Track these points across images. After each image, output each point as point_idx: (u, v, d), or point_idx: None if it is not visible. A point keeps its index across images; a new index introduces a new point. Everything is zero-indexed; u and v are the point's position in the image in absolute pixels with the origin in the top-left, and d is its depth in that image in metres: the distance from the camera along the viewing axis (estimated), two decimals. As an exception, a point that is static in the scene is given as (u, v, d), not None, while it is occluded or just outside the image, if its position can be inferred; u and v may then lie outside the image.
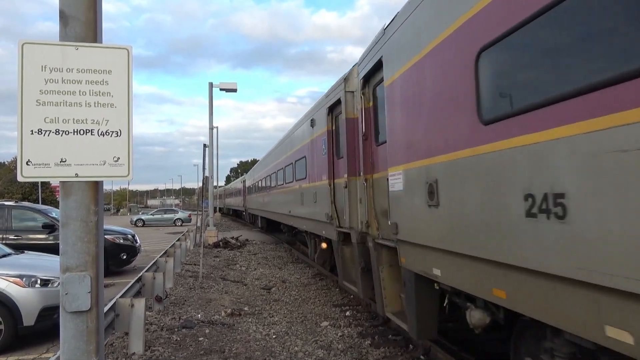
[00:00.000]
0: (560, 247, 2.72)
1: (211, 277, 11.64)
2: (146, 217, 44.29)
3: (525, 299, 3.16)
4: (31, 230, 11.61)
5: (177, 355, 5.76)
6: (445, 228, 4.19)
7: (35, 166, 2.36)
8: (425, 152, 4.56)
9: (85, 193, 2.42)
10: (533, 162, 2.92)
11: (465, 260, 3.89)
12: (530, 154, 2.95)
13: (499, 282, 3.45)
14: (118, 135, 2.48)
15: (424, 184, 4.55)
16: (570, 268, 2.65)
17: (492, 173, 3.40)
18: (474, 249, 3.71)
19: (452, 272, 4.22)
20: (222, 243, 19.50)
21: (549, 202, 2.78)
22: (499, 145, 3.30)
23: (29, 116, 2.37)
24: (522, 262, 3.08)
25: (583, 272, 2.54)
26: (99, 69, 2.46)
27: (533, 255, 2.96)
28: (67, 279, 2.35)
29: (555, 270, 2.77)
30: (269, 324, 7.51)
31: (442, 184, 4.22)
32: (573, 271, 2.62)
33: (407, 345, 6.41)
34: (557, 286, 2.81)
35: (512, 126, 3.15)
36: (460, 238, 3.92)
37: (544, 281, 2.92)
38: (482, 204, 3.56)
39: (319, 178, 9.96)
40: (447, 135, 4.12)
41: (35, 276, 6.72)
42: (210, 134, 22.06)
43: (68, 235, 2.38)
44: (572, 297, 2.71)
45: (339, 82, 8.24)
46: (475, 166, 3.64)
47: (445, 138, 4.14)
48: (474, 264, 3.74)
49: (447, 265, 4.27)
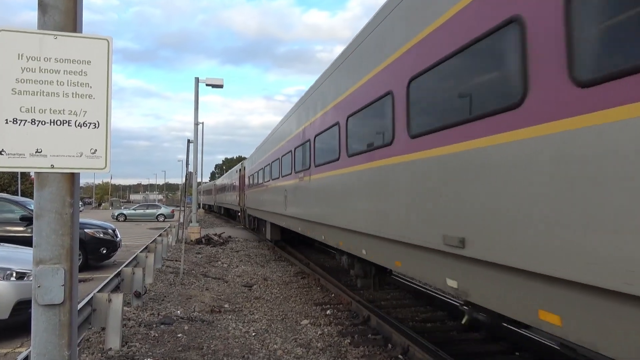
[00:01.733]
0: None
1: (192, 274, 11.56)
2: (128, 211, 43.71)
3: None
4: (8, 222, 11.38)
5: (155, 351, 5.70)
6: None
7: (10, 156, 2.32)
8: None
9: (61, 185, 2.38)
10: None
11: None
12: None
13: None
14: (96, 127, 2.45)
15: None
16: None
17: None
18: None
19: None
20: (204, 240, 19.37)
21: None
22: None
23: (4, 105, 2.32)
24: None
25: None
26: (77, 59, 2.42)
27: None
28: (40, 272, 2.31)
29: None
30: (249, 322, 7.49)
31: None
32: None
33: (386, 345, 6.46)
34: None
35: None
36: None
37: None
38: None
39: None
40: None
41: (10, 269, 6.58)
42: (195, 130, 21.89)
43: (42, 228, 2.34)
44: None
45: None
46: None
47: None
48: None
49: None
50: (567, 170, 2.63)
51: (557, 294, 2.76)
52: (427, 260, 4.54)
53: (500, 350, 6.22)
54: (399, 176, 5.04)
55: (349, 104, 6.80)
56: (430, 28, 4.29)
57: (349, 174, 6.74)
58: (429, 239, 4.33)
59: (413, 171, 4.71)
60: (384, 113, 5.48)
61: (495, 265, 3.35)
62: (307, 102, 9.76)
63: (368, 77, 6.03)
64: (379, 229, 5.55)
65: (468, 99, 3.79)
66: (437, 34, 4.18)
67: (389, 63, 5.30)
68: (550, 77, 2.80)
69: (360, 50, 6.49)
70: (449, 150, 3.97)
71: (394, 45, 5.16)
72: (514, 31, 3.13)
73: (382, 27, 5.63)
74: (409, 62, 4.75)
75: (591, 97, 2.49)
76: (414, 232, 4.68)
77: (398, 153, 5.06)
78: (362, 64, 6.33)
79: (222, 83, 21.63)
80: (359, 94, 6.37)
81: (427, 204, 4.39)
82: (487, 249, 3.41)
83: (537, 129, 2.88)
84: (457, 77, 3.93)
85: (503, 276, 3.28)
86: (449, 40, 3.94)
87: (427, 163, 4.40)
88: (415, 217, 4.63)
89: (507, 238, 3.16)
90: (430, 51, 4.28)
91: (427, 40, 4.35)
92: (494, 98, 3.40)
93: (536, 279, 2.92)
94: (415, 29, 4.61)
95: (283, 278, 11.73)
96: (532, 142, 2.93)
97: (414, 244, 4.70)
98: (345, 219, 6.88)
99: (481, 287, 3.63)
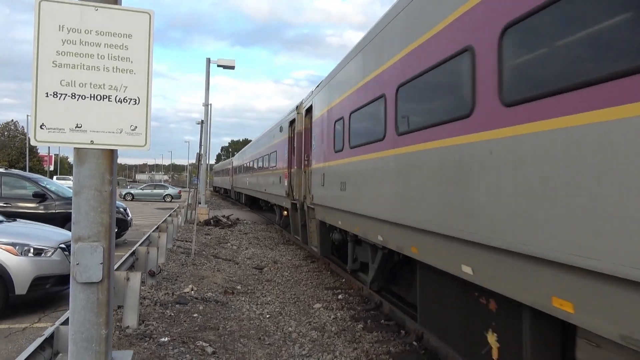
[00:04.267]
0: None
1: (203, 255, 11.60)
2: (135, 191, 43.86)
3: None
4: (21, 198, 11.41)
5: (172, 330, 5.73)
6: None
7: (50, 130, 2.27)
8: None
9: (101, 161, 2.34)
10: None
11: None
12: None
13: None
14: (136, 103, 2.39)
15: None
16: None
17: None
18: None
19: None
20: (213, 221, 19.42)
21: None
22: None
23: (44, 78, 2.26)
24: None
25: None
26: (118, 33, 2.35)
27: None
28: (79, 249, 2.28)
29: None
30: (262, 304, 7.51)
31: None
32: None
33: (399, 331, 6.46)
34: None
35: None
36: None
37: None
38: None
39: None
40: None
41: (28, 245, 6.61)
42: (206, 110, 21.79)
43: (81, 205, 2.30)
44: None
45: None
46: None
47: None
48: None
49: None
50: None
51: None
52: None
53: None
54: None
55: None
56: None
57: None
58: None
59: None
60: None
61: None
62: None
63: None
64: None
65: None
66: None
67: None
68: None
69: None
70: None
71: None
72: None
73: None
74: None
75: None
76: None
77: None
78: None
79: (234, 64, 21.46)
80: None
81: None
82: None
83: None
84: None
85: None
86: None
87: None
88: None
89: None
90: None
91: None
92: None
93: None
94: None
95: (293, 261, 11.75)
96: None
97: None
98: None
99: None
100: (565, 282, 2.82)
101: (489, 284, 3.71)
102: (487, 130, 3.62)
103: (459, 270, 4.10)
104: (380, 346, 5.85)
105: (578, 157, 2.68)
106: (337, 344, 5.86)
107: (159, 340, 5.31)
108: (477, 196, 3.75)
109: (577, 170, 2.69)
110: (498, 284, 3.58)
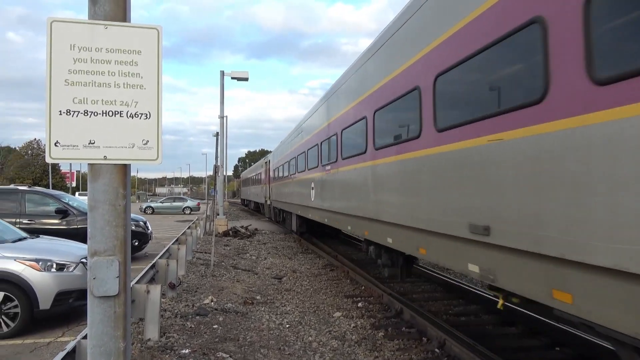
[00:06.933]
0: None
1: (222, 266, 11.66)
2: (155, 204, 44.48)
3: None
4: (44, 215, 11.65)
5: (192, 342, 5.75)
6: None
7: (64, 147, 2.31)
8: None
9: (114, 176, 2.37)
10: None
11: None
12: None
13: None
14: (147, 117, 2.42)
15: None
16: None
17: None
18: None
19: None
20: (231, 232, 19.53)
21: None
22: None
23: (57, 96, 2.31)
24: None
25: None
26: (128, 49, 2.40)
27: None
28: (95, 263, 2.31)
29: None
30: (282, 314, 7.50)
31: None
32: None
33: (421, 338, 6.37)
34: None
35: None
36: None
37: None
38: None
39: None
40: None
41: (51, 260, 6.73)
42: (221, 123, 22.02)
43: (96, 219, 2.34)
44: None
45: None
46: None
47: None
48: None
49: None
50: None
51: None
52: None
53: (539, 345, 6.06)
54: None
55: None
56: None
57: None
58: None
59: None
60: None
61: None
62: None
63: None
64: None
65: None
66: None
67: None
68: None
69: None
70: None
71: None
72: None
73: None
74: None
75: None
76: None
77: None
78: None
79: (247, 76, 21.67)
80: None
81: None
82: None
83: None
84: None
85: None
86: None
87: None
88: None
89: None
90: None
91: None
92: None
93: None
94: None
95: (312, 270, 11.73)
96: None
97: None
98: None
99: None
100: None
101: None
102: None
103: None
104: (402, 354, 5.77)
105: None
106: (358, 352, 5.80)
107: (179, 352, 5.33)
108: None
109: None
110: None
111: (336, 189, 9.98)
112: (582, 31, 2.85)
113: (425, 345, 6.12)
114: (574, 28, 2.92)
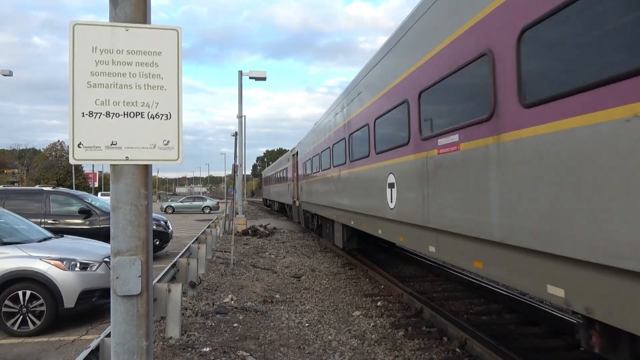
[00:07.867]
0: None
1: (242, 264, 11.74)
2: (176, 204, 45.03)
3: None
4: (68, 215, 11.89)
5: (213, 340, 5.80)
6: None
7: (87, 149, 2.35)
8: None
9: (136, 177, 2.39)
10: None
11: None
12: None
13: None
14: (168, 118, 2.44)
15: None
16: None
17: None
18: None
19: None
20: (250, 231, 19.66)
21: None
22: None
23: (80, 98, 2.35)
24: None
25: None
26: (148, 51, 2.42)
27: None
28: (118, 263, 2.34)
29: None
30: (301, 312, 7.51)
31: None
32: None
33: (442, 337, 6.30)
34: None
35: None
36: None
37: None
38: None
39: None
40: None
41: (75, 260, 6.87)
42: (240, 122, 22.17)
43: (119, 219, 2.36)
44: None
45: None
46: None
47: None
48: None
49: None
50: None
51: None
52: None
53: (563, 345, 5.94)
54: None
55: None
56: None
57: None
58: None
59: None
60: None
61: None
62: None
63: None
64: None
65: None
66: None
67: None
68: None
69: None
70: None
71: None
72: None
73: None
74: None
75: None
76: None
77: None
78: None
79: (265, 75, 21.77)
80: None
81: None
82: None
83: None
84: None
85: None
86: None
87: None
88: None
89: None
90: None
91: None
92: None
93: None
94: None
95: (330, 269, 11.72)
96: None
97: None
98: None
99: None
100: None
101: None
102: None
103: None
104: (422, 354, 5.72)
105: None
106: (378, 352, 5.77)
107: (200, 350, 5.38)
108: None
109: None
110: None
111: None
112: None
113: (446, 345, 6.05)
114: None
